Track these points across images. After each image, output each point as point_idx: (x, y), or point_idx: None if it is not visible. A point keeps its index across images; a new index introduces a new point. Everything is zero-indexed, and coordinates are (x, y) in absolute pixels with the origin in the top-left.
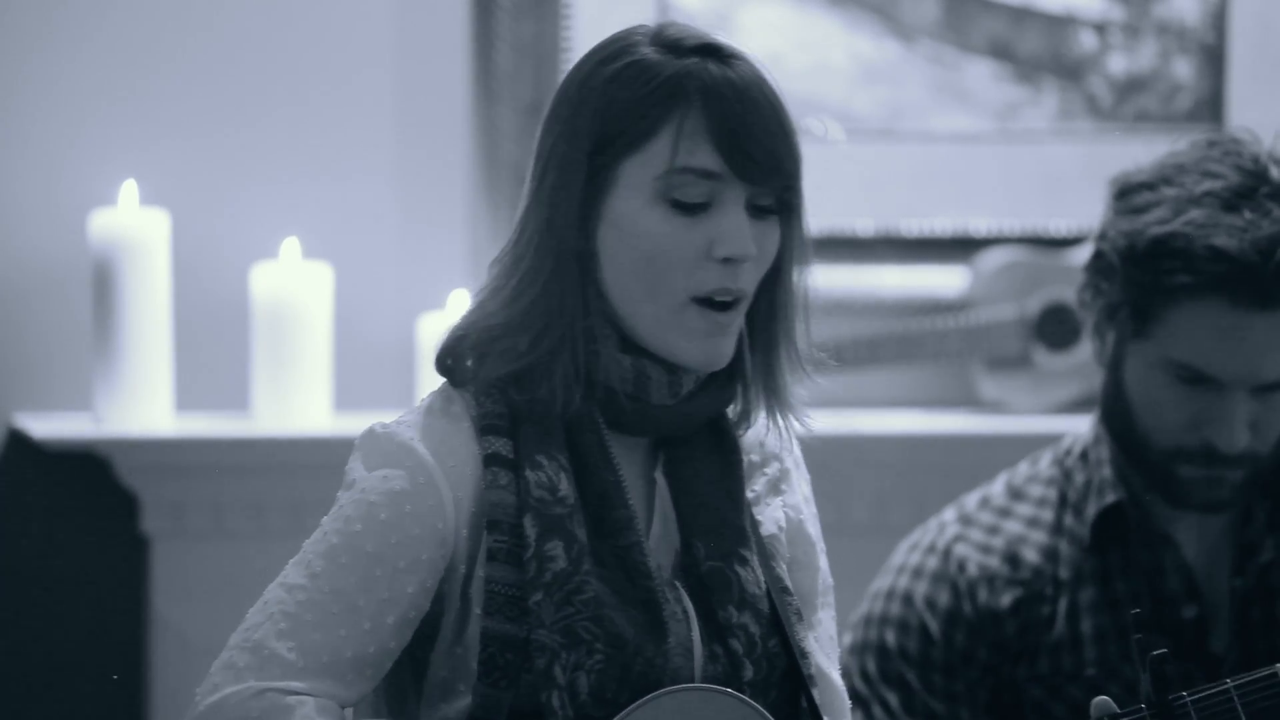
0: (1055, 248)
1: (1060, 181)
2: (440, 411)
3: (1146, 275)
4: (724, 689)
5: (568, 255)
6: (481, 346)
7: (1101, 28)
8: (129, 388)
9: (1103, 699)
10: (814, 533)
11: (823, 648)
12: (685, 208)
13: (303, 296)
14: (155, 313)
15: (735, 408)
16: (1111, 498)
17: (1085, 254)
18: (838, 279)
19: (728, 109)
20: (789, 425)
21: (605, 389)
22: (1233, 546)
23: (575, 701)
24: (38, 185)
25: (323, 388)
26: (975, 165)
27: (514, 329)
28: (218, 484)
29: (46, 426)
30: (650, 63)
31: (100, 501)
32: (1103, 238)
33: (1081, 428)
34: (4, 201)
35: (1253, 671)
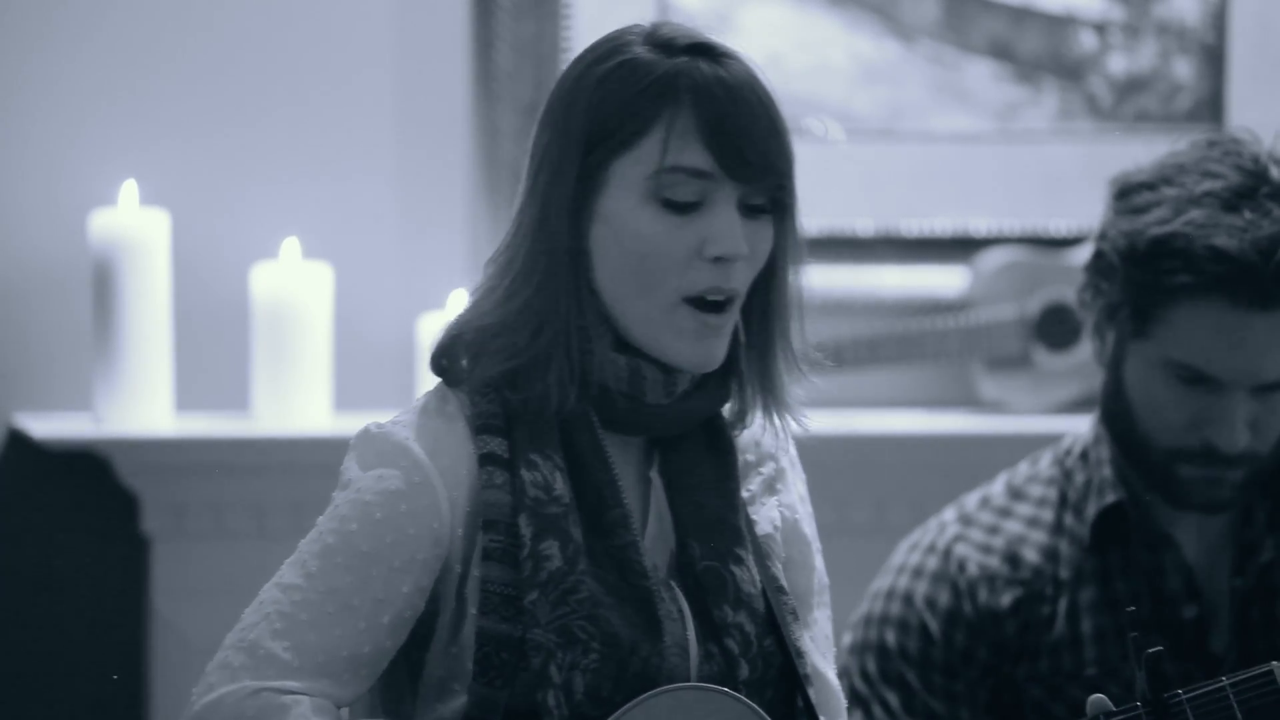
0: (1055, 248)
1: (1060, 181)
2: (435, 411)
3: (1147, 275)
4: (720, 688)
5: (560, 254)
6: (476, 346)
7: (1101, 28)
8: (129, 388)
9: (1098, 697)
10: (809, 532)
11: (818, 647)
12: (676, 207)
13: (303, 296)
14: (155, 313)
15: (731, 407)
16: (1112, 498)
17: (1085, 254)
18: (838, 279)
19: (718, 108)
20: (785, 425)
21: (600, 388)
22: (1233, 546)
23: (571, 701)
24: (38, 185)
25: (323, 388)
26: (975, 165)
27: (508, 328)
28: (218, 484)
29: (46, 426)
30: (642, 62)
31: (100, 501)
32: (1103, 238)
33: (1081, 428)
34: (4, 201)
35: (1248, 669)
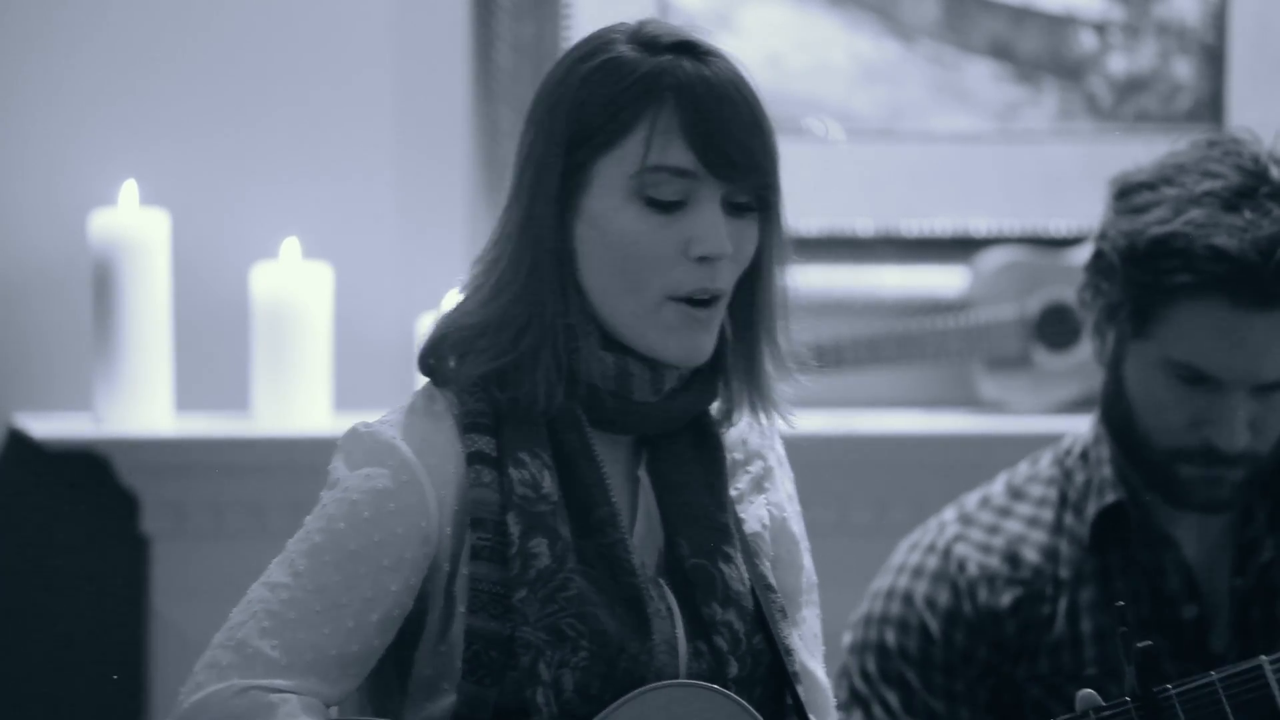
0: (1055, 248)
1: (1060, 181)
2: (423, 410)
3: (1147, 275)
4: (709, 685)
5: (546, 253)
6: (462, 345)
7: (1101, 28)
8: (129, 388)
9: (1088, 692)
10: (798, 530)
11: (807, 646)
12: (660, 206)
13: (303, 296)
14: (155, 313)
15: (718, 405)
16: (1112, 497)
17: (1085, 254)
18: (838, 279)
19: (701, 106)
20: (772, 422)
21: (588, 386)
22: (1233, 546)
23: (560, 698)
24: (38, 185)
25: (323, 388)
26: (975, 165)
27: (494, 327)
28: (218, 484)
29: (46, 426)
30: (625, 60)
31: (100, 501)
32: (1103, 237)
33: (1081, 428)
34: (4, 201)
35: (1237, 664)
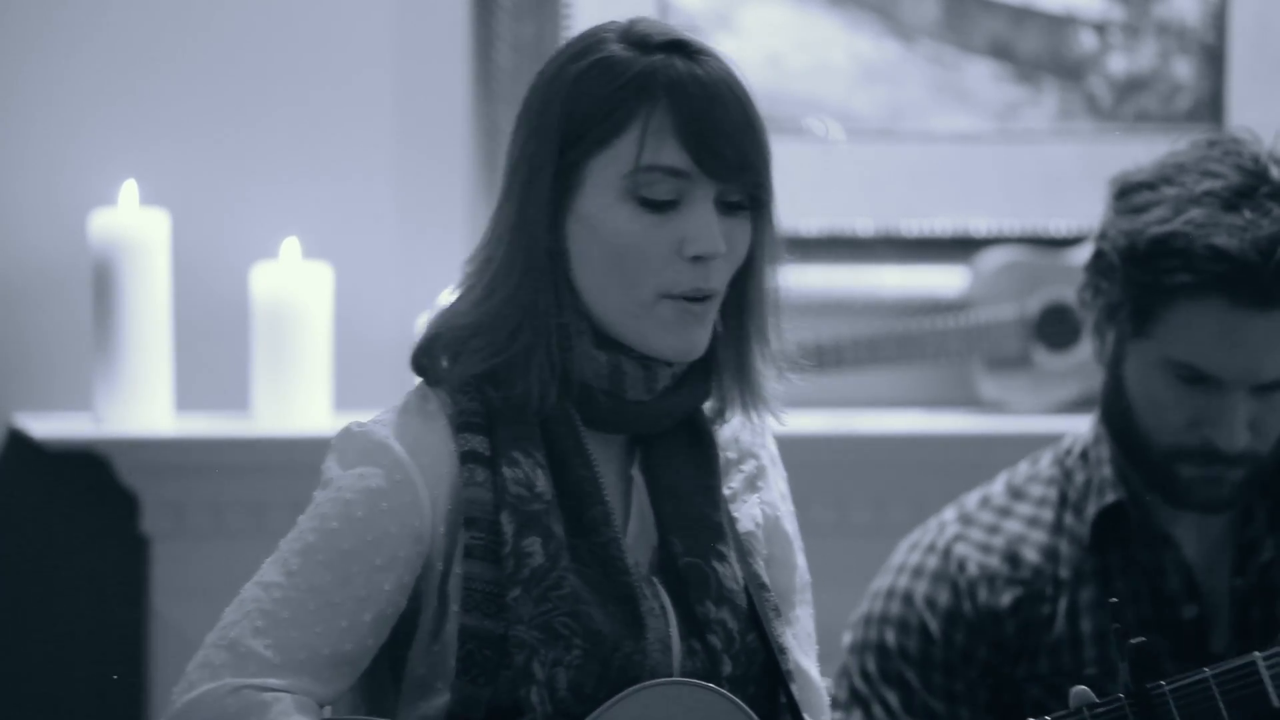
0: (1055, 248)
1: (1060, 181)
2: (416, 410)
3: (1146, 275)
4: (703, 683)
5: (539, 253)
6: (455, 345)
7: (1101, 28)
8: (129, 388)
9: (1081, 688)
10: (791, 530)
11: (801, 644)
12: (654, 205)
13: (303, 296)
14: (155, 313)
15: (710, 403)
16: (1112, 497)
17: (1085, 254)
18: (838, 279)
19: (694, 106)
20: (763, 421)
21: (581, 386)
22: (1233, 546)
23: (554, 697)
24: (38, 185)
25: (323, 388)
26: (975, 165)
27: (487, 327)
28: (218, 484)
29: (46, 426)
30: (617, 59)
31: (100, 501)
32: (1103, 237)
33: (1081, 428)
34: (4, 201)
35: (1231, 660)
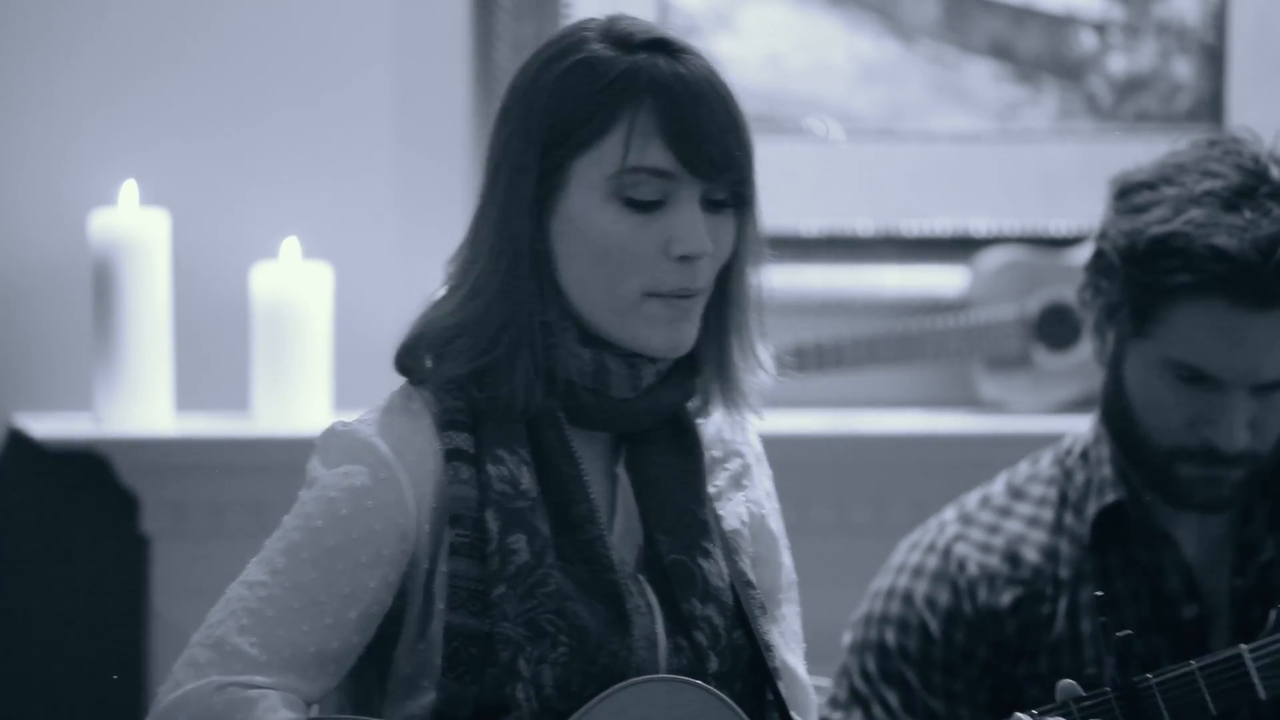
0: (1055, 248)
1: (1060, 181)
2: (400, 409)
3: (1146, 274)
4: (690, 680)
5: (523, 254)
6: (439, 345)
7: (1101, 28)
8: (129, 388)
9: (1068, 682)
10: (776, 528)
11: (787, 642)
12: (640, 206)
13: (303, 296)
14: (155, 313)
15: (694, 401)
16: (1112, 497)
17: (1085, 254)
18: (838, 279)
19: (679, 106)
20: (744, 417)
21: (566, 384)
22: (1233, 546)
23: (540, 694)
24: (38, 185)
25: (323, 388)
26: (975, 165)
27: (471, 328)
28: (218, 484)
29: (46, 426)
30: (599, 59)
31: (100, 501)
32: (1103, 237)
33: (1081, 428)
34: (4, 201)
35: (1217, 653)
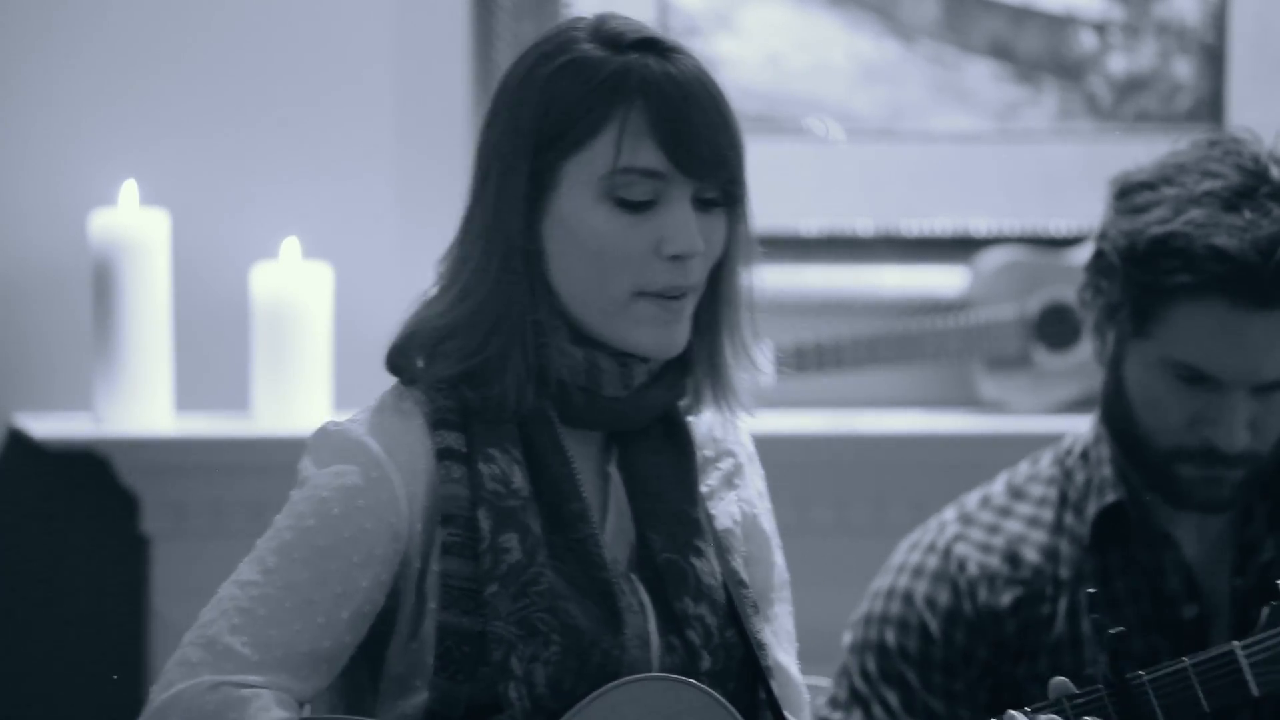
0: (1055, 248)
1: (1060, 181)
2: (392, 409)
3: (1147, 275)
4: (683, 678)
5: (514, 254)
6: (430, 346)
7: (1101, 28)
8: (129, 388)
9: (1061, 679)
10: (769, 527)
11: (780, 642)
12: (631, 206)
13: (303, 296)
14: (155, 313)
15: (684, 399)
16: (1112, 497)
17: (1085, 254)
18: (838, 279)
19: (670, 106)
20: (734, 415)
21: (557, 383)
22: (1233, 546)
23: (532, 693)
24: (38, 185)
25: (323, 388)
26: (975, 165)
27: (462, 328)
28: (218, 484)
29: (46, 426)
30: (590, 59)
31: (100, 501)
32: (1103, 237)
33: (1081, 428)
34: (4, 201)
35: (1209, 649)
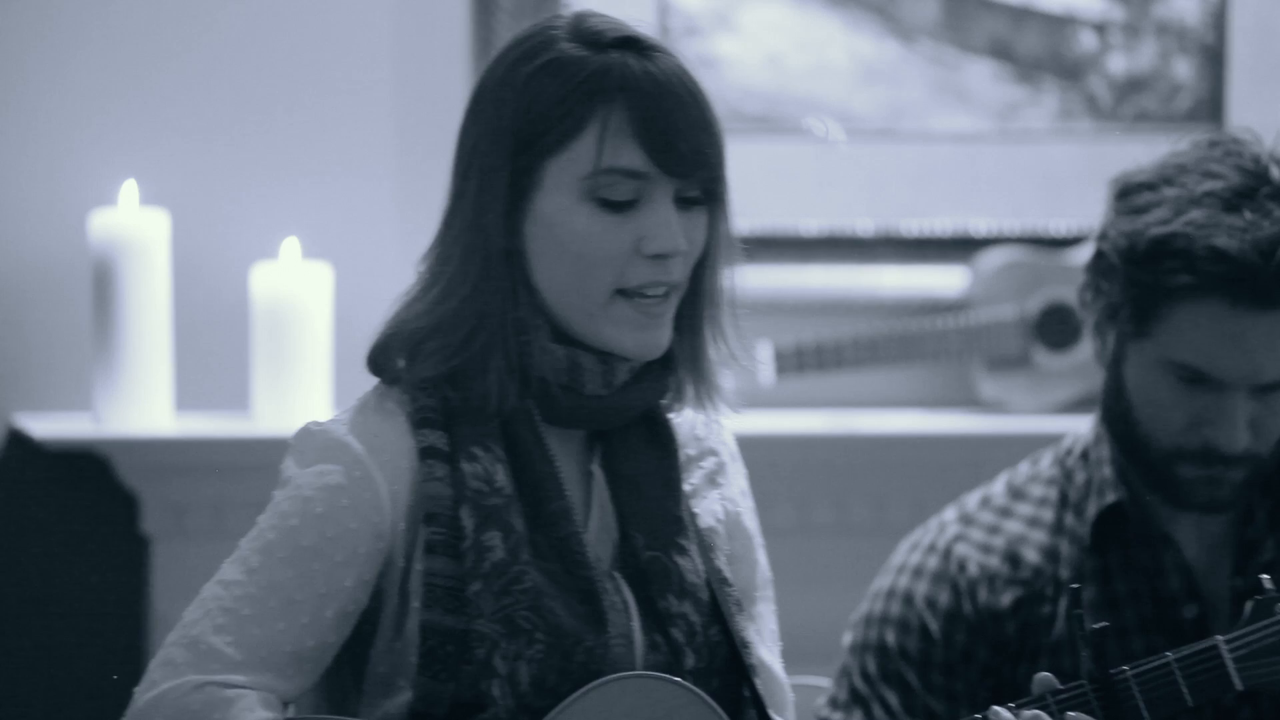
0: (1055, 248)
1: (1060, 181)
2: (374, 408)
3: (1147, 275)
4: (667, 676)
5: (495, 255)
6: (411, 346)
7: (1101, 28)
8: (129, 388)
9: (1045, 675)
10: (751, 526)
11: (764, 640)
12: (613, 206)
13: (303, 296)
14: (155, 313)
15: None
16: (1112, 497)
17: (1085, 254)
18: (838, 279)
19: (651, 106)
20: (717, 411)
21: (539, 381)
22: (1233, 546)
23: (516, 691)
24: (38, 185)
25: (323, 388)
26: (975, 165)
27: (444, 329)
28: (218, 484)
29: (46, 426)
30: (569, 59)
31: (100, 501)
32: (1103, 238)
33: (1081, 428)
34: (4, 201)
35: (1193, 644)
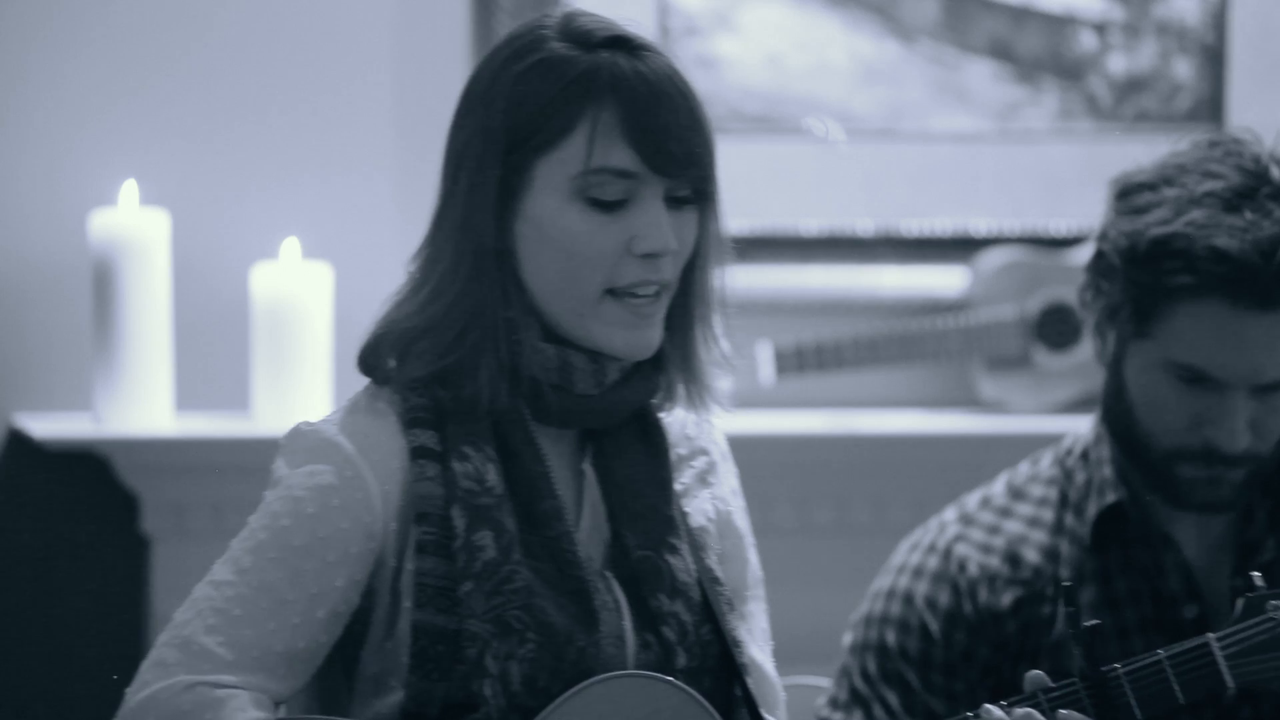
0: (1055, 248)
1: (1060, 181)
2: (365, 408)
3: (1147, 275)
4: (658, 675)
5: (486, 254)
6: (402, 346)
7: (1101, 28)
8: (129, 388)
9: (1036, 673)
10: (742, 526)
11: (755, 639)
12: (603, 205)
13: (303, 296)
14: (155, 313)
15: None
16: (1112, 497)
17: (1085, 254)
18: (838, 279)
19: (641, 105)
20: (708, 411)
21: (530, 380)
22: (1234, 546)
23: (508, 691)
24: (38, 185)
25: (323, 388)
26: (975, 165)
27: (434, 329)
28: (218, 484)
29: (46, 426)
30: (559, 59)
31: (100, 501)
32: (1104, 238)
33: (1081, 428)
34: (4, 201)
35: (1184, 641)
